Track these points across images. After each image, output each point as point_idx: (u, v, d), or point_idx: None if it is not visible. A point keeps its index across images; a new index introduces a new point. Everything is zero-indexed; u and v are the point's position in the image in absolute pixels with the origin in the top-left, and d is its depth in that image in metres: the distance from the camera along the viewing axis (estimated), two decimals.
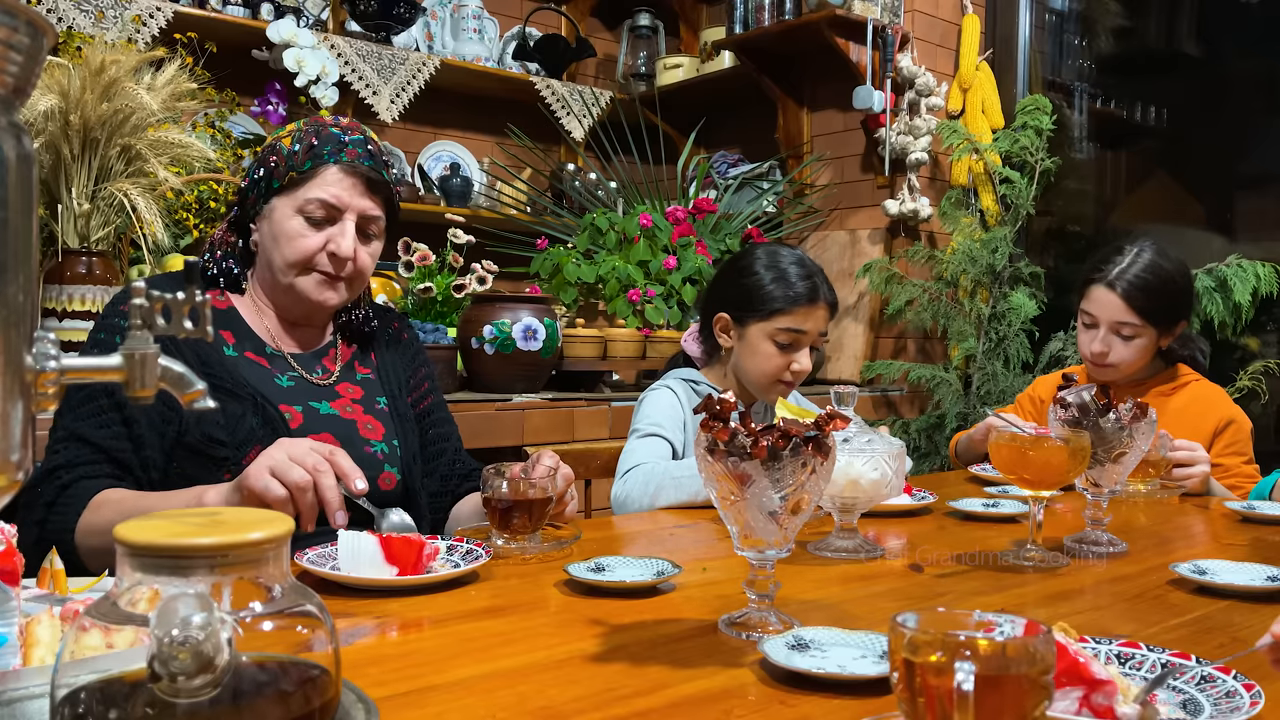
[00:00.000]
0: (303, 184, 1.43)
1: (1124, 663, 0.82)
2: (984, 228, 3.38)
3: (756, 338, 1.83)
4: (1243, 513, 1.64)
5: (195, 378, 0.58)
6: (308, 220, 1.43)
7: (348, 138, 1.46)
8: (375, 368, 1.58)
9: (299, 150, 1.44)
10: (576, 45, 3.83)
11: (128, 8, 2.80)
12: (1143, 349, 2.04)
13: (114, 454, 1.32)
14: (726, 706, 0.77)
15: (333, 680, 0.58)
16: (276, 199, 1.44)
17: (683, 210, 3.13)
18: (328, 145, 1.44)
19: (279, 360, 1.48)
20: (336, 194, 1.43)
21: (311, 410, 1.45)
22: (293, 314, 1.51)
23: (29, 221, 0.53)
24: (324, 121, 1.49)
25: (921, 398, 3.45)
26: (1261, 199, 3.30)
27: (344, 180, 1.43)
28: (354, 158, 1.44)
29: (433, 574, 1.10)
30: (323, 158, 1.43)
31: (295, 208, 1.43)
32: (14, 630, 0.74)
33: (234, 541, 0.54)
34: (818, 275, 1.84)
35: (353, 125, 1.51)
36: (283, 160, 1.44)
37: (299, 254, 1.43)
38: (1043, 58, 3.73)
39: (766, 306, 1.81)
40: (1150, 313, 2.00)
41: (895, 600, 1.10)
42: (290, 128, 1.49)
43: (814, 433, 0.91)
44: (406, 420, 1.56)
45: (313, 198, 1.42)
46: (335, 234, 1.43)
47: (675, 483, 1.64)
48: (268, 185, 1.45)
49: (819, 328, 1.83)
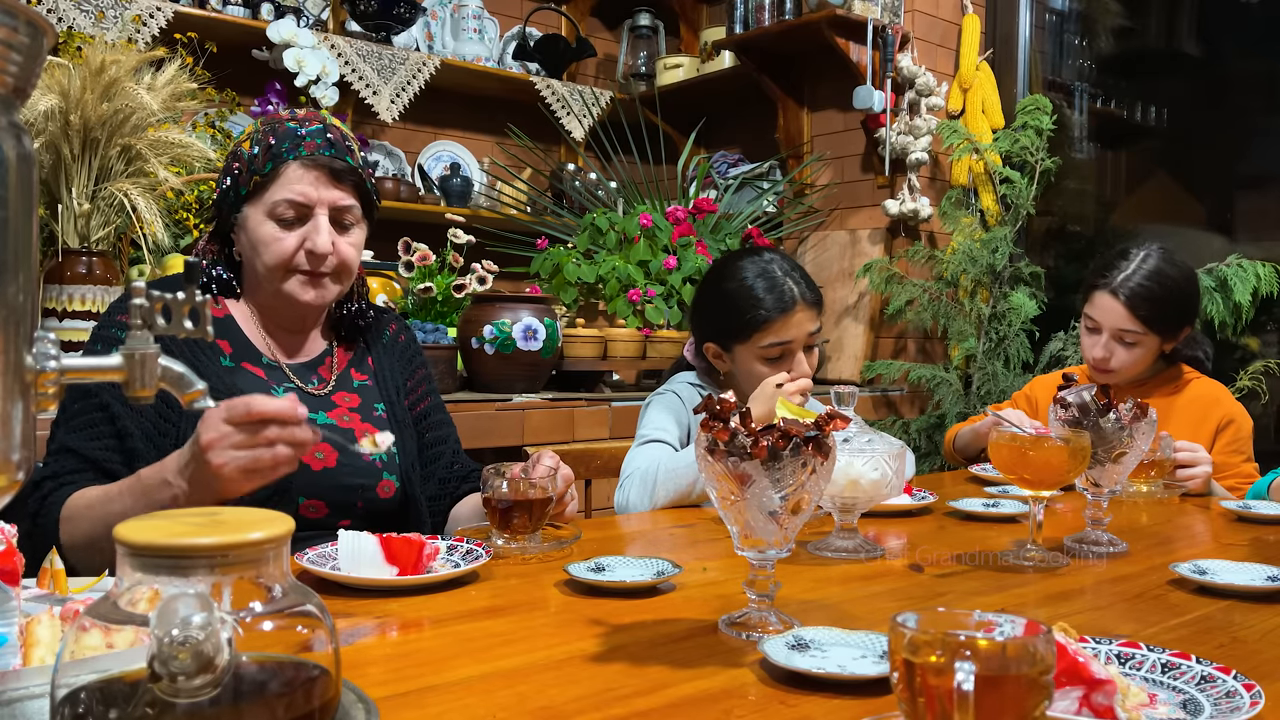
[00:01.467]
0: (267, 187, 1.39)
1: (1124, 663, 0.82)
2: (984, 228, 3.38)
3: (745, 360, 1.80)
4: (1238, 512, 1.64)
5: (195, 378, 0.58)
6: (279, 223, 1.39)
7: (304, 130, 1.41)
8: (373, 373, 1.56)
9: (258, 153, 1.40)
10: (576, 45, 3.83)
11: (128, 8, 2.80)
12: (1145, 355, 2.03)
13: (103, 465, 1.30)
14: (726, 706, 0.77)
15: (333, 680, 0.58)
16: (247, 207, 1.41)
17: (683, 210, 3.13)
18: (285, 142, 1.40)
19: (275, 371, 1.47)
20: (301, 190, 1.39)
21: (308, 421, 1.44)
22: (286, 318, 1.48)
23: (29, 221, 0.53)
24: (280, 118, 1.44)
25: (921, 398, 3.45)
26: (1261, 199, 3.30)
27: (306, 175, 1.39)
28: (313, 150, 1.39)
29: (433, 574, 1.10)
30: (281, 156, 1.39)
31: (265, 212, 1.39)
32: (14, 630, 0.74)
33: (234, 541, 0.54)
34: (789, 279, 1.78)
35: (310, 115, 1.46)
36: (245, 165, 1.41)
37: (277, 258, 1.39)
38: (1043, 58, 3.73)
39: (745, 330, 1.77)
40: (1154, 321, 1.99)
41: (895, 600, 1.10)
42: (249, 129, 1.45)
43: (814, 433, 0.91)
44: (405, 426, 1.55)
45: (279, 199, 1.38)
46: (309, 231, 1.39)
47: (671, 474, 1.63)
48: (236, 194, 1.42)
49: (804, 330, 1.78)
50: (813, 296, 1.81)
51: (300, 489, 1.38)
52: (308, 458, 1.39)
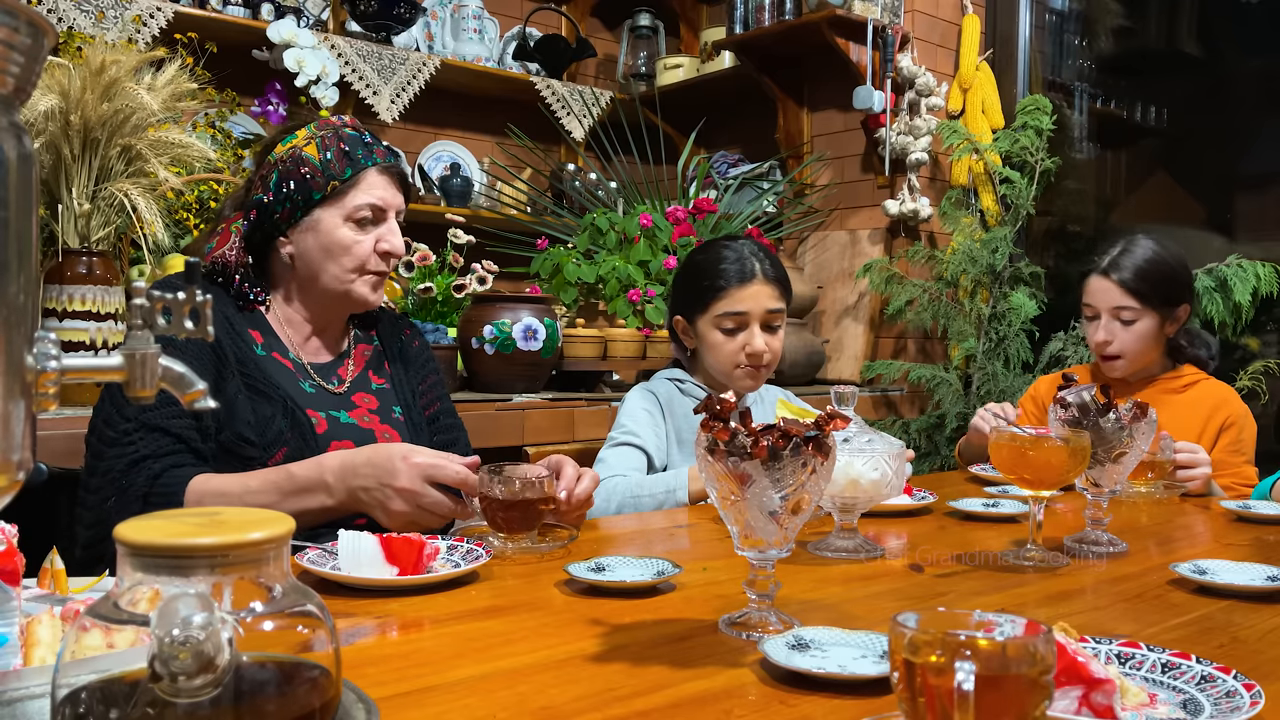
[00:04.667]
0: (347, 191, 1.46)
1: (1124, 663, 0.82)
2: (984, 228, 3.38)
3: (705, 330, 1.84)
4: (1238, 512, 1.64)
5: (195, 377, 0.58)
6: (357, 224, 1.47)
7: (368, 139, 1.50)
8: (389, 377, 1.60)
9: (332, 159, 1.46)
10: (576, 45, 3.83)
11: (128, 8, 2.79)
12: (1145, 335, 2.04)
13: (190, 443, 1.33)
14: (726, 706, 0.77)
15: (333, 680, 0.58)
16: (319, 210, 1.46)
17: (683, 210, 3.13)
18: (358, 149, 1.48)
19: (300, 367, 1.50)
20: (382, 196, 1.48)
21: (333, 418, 1.46)
22: (328, 320, 1.54)
23: (29, 221, 0.53)
24: (335, 125, 1.50)
25: (921, 398, 3.45)
26: (1261, 199, 3.30)
27: (382, 180, 1.49)
28: (383, 157, 1.50)
29: (433, 574, 1.10)
30: (360, 162, 1.47)
31: (344, 215, 1.46)
32: (15, 630, 0.74)
33: (234, 541, 0.54)
34: (753, 256, 1.82)
35: (354, 123, 1.54)
36: (317, 171, 1.45)
37: (357, 260, 1.47)
38: (1043, 58, 3.73)
39: (704, 298, 1.82)
40: (1146, 295, 2.02)
41: (895, 600, 1.10)
42: (303, 134, 1.49)
43: (814, 433, 0.91)
44: (421, 430, 1.58)
45: (361, 203, 1.46)
46: (384, 233, 1.49)
47: (634, 502, 1.70)
48: (306, 197, 1.45)
49: (761, 305, 1.81)
50: (775, 275, 1.84)
51: None
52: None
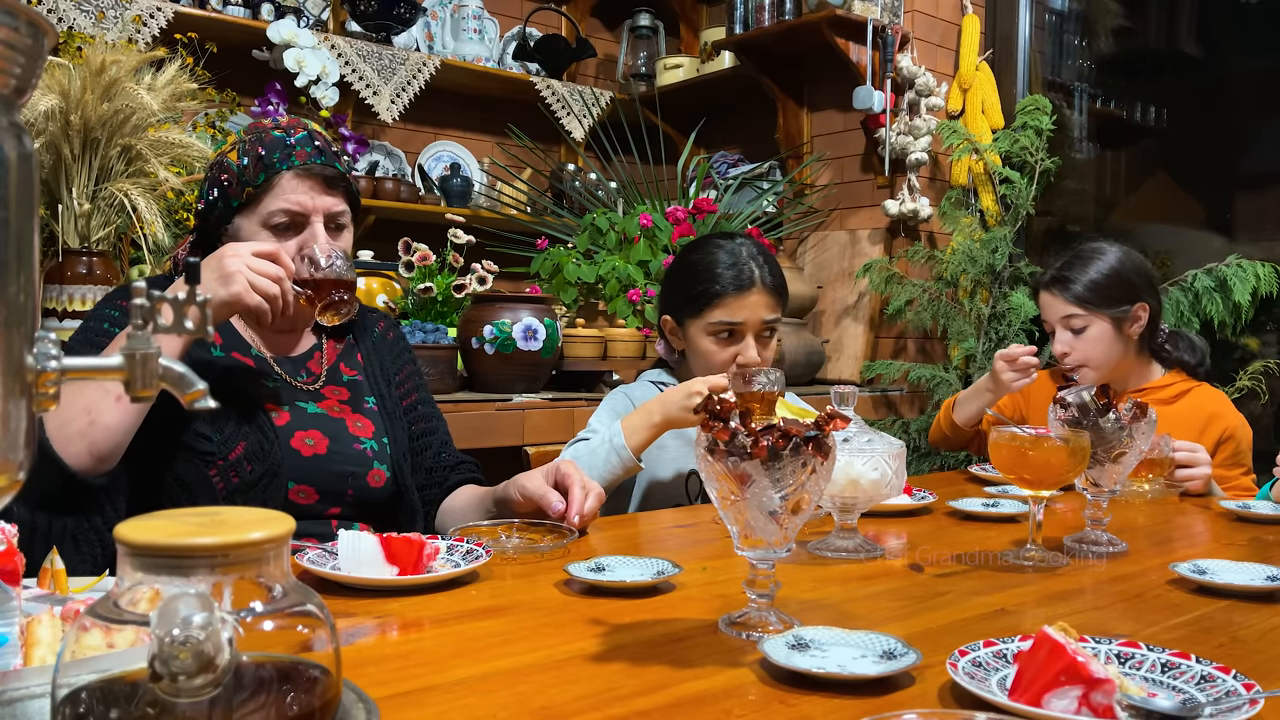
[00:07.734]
0: (261, 197, 1.40)
1: (1124, 662, 0.82)
2: (984, 228, 3.38)
3: (696, 336, 1.78)
4: (1238, 512, 1.64)
5: (195, 378, 0.58)
6: (274, 231, 1.41)
7: (293, 139, 1.43)
8: (362, 368, 1.58)
9: (248, 164, 1.41)
10: (576, 45, 3.83)
11: (128, 8, 2.80)
12: (1101, 339, 2.03)
13: None
14: (726, 706, 0.77)
15: (333, 680, 0.58)
16: (239, 218, 1.42)
17: (683, 210, 3.13)
18: (275, 152, 1.41)
19: (263, 363, 1.48)
20: (297, 200, 1.40)
21: (298, 410, 1.45)
22: (279, 323, 1.49)
23: (30, 221, 0.53)
24: (265, 127, 1.46)
25: (921, 398, 3.45)
26: (1261, 199, 3.30)
27: (300, 184, 1.41)
28: (304, 159, 1.41)
29: (433, 574, 1.10)
30: (274, 166, 1.40)
31: (260, 222, 1.41)
32: (15, 630, 0.74)
33: (234, 541, 0.54)
34: (751, 261, 1.75)
35: (294, 123, 1.48)
36: (234, 177, 1.41)
37: None
38: (1043, 58, 3.73)
39: (697, 303, 1.75)
40: (1090, 300, 2.02)
41: (895, 600, 1.10)
42: (232, 139, 1.46)
43: (814, 433, 0.91)
44: (396, 418, 1.56)
45: (275, 209, 1.40)
46: (307, 239, 1.41)
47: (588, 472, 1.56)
48: (226, 205, 1.42)
49: (758, 315, 1.75)
50: (774, 284, 1.77)
51: (290, 474, 1.39)
52: (298, 444, 1.41)
